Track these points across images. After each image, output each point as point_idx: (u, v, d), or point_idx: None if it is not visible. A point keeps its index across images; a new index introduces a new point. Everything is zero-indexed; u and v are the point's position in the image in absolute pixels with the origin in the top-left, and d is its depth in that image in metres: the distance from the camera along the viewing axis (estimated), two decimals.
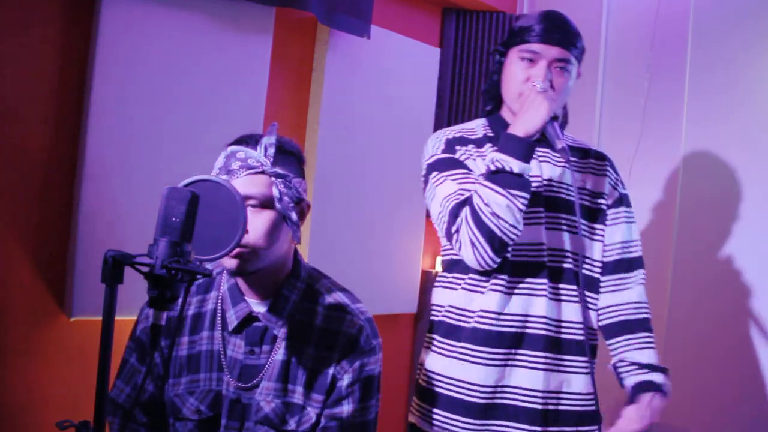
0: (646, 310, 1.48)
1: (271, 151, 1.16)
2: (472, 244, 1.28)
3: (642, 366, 1.43)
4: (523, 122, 1.30)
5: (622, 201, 1.52)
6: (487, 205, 1.26)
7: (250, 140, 1.18)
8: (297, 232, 1.18)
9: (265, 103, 2.18)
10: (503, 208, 1.26)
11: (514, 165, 1.27)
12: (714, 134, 2.19)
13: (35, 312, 1.85)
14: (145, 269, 0.84)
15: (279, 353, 1.21)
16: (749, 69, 2.11)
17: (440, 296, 1.49)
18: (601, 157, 1.56)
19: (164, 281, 0.83)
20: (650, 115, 2.42)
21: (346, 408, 1.21)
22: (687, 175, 2.26)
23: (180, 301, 0.87)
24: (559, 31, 1.37)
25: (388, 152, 2.53)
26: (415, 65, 2.63)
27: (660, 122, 2.39)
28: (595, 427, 1.44)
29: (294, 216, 1.17)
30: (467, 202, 1.31)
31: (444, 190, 1.37)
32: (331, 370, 1.21)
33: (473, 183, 1.35)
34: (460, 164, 1.41)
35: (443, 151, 1.43)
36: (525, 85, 1.38)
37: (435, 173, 1.41)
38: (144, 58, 1.91)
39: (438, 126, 2.67)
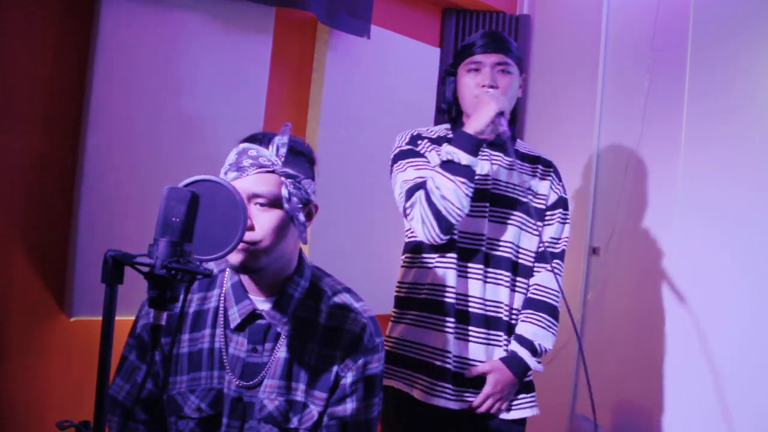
0: (549, 295, 1.68)
1: (283, 150, 1.16)
2: (422, 221, 1.52)
3: (516, 335, 1.66)
4: (474, 120, 1.53)
5: (559, 204, 1.74)
6: (437, 188, 1.49)
7: (263, 138, 1.19)
8: (303, 233, 1.18)
9: (265, 103, 2.18)
10: (450, 192, 1.49)
11: (463, 158, 1.50)
12: (714, 134, 2.19)
13: (35, 312, 1.85)
14: (145, 269, 0.84)
15: (282, 351, 1.21)
16: (749, 69, 2.11)
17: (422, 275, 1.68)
18: (547, 164, 1.77)
19: (164, 281, 0.83)
20: (650, 115, 2.42)
21: (349, 406, 1.22)
22: (686, 175, 2.26)
23: (181, 298, 0.87)
24: (495, 41, 1.63)
25: (388, 152, 2.53)
26: (415, 65, 2.63)
27: (660, 122, 2.39)
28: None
29: (301, 217, 1.17)
30: (422, 185, 1.54)
31: (404, 175, 1.62)
32: (334, 368, 1.21)
33: (430, 170, 1.59)
34: (420, 154, 1.65)
35: (407, 144, 1.68)
36: (477, 90, 1.62)
37: (399, 161, 1.66)
38: (144, 58, 1.91)
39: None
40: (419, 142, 1.67)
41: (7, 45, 1.77)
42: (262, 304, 1.23)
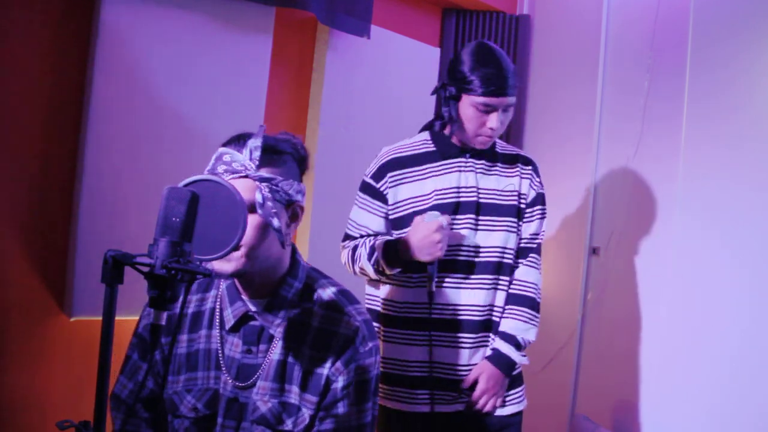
0: (529, 289, 1.70)
1: (257, 154, 1.13)
2: (346, 265, 1.70)
3: (499, 332, 1.69)
4: (415, 251, 1.55)
5: (537, 200, 1.75)
6: (361, 269, 1.64)
7: (240, 141, 1.16)
8: (281, 237, 1.15)
9: (265, 103, 2.18)
10: (369, 275, 1.65)
11: (389, 270, 1.61)
12: (714, 134, 2.19)
13: (35, 312, 1.85)
14: (145, 269, 0.84)
15: (275, 352, 1.21)
16: (749, 69, 2.12)
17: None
18: (526, 162, 1.76)
19: (164, 281, 0.83)
20: (650, 115, 2.43)
21: (341, 410, 1.20)
22: (686, 174, 2.26)
23: (181, 299, 0.87)
24: (506, 81, 1.58)
25: None
26: (415, 65, 2.63)
27: (660, 122, 2.39)
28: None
29: (276, 222, 1.12)
30: (354, 243, 1.68)
31: (354, 214, 1.73)
32: (325, 372, 1.20)
33: (377, 217, 1.69)
34: (378, 195, 1.69)
35: (372, 177, 1.70)
36: (480, 130, 1.62)
37: (359, 194, 1.72)
38: (144, 58, 1.91)
39: None
40: (389, 173, 1.68)
41: (7, 45, 1.77)
42: (255, 306, 1.22)
